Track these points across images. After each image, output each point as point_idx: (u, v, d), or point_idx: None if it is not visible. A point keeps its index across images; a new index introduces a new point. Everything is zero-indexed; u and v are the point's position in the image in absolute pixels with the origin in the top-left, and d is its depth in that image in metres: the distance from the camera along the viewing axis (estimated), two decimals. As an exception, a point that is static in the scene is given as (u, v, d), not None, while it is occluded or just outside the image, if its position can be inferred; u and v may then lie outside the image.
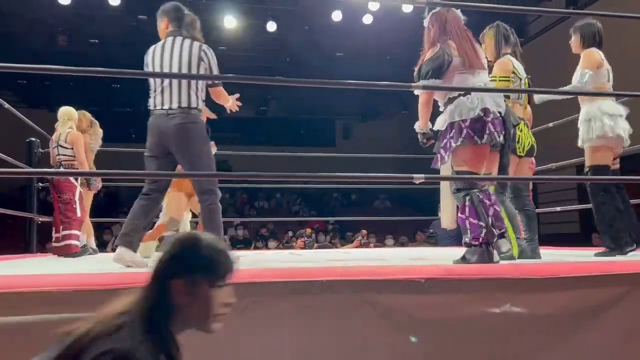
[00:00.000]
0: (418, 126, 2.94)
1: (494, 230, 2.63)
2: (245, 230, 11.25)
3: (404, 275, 2.05)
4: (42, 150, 5.32)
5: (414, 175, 2.41)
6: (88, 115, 5.13)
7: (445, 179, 2.93)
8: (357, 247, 8.22)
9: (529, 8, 4.31)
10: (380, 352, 1.95)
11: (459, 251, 4.06)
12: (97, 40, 11.62)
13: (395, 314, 1.97)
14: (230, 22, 10.42)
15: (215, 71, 3.11)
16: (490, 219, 2.62)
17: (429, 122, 2.92)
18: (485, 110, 2.65)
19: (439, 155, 2.80)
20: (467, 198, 2.66)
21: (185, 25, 3.29)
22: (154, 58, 3.11)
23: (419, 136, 2.98)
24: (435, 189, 5.19)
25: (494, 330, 1.99)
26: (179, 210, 4.20)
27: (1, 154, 4.24)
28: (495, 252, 2.64)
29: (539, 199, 11.88)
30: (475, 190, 2.66)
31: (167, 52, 3.08)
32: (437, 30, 2.83)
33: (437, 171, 3.00)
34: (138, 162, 5.14)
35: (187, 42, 3.11)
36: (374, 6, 9.90)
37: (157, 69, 3.07)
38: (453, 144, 2.68)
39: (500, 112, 2.75)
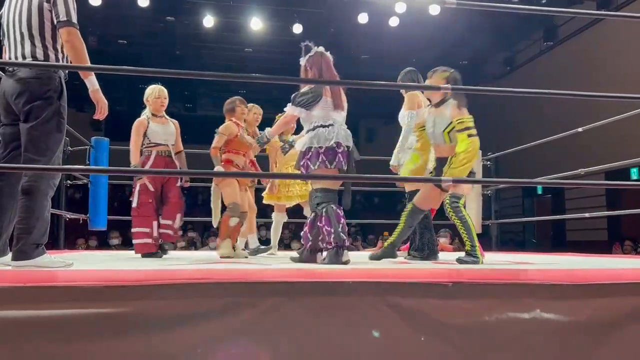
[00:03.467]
0: (268, 132, 3.55)
1: (342, 235, 3.12)
2: (268, 231, 11.27)
3: (430, 278, 2.03)
4: (71, 149, 5.40)
5: (442, 178, 2.39)
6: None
7: (473, 181, 2.90)
8: (379, 249, 8.17)
9: (559, 9, 4.25)
10: (403, 357, 1.93)
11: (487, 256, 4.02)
12: (125, 41, 11.80)
13: (419, 317, 1.95)
14: (256, 24, 10.48)
15: (63, 7, 2.61)
16: (340, 226, 3.13)
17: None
18: (338, 143, 3.25)
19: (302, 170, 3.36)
20: (324, 210, 3.18)
21: None
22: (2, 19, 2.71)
23: (261, 137, 3.60)
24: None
25: (523, 337, 1.95)
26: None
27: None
28: (345, 252, 3.12)
29: (567, 205, 11.70)
30: (331, 204, 3.20)
31: (11, 7, 2.67)
32: (315, 73, 3.42)
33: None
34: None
35: None
36: (400, 8, 9.85)
37: (4, 30, 2.70)
38: (311, 167, 3.24)
39: (348, 147, 3.32)
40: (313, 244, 3.26)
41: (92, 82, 2.71)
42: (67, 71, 2.73)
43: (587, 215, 5.73)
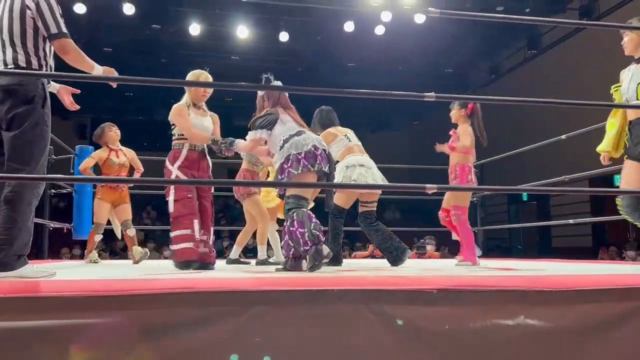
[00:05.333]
0: (238, 144, 3.58)
1: (316, 232, 3.15)
2: (254, 239, 11.23)
3: (415, 285, 2.03)
4: (55, 157, 5.36)
5: (427, 185, 2.40)
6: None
7: (457, 189, 2.91)
8: (370, 253, 8.16)
9: (541, 19, 4.30)
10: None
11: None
12: (111, 49, 11.74)
13: (405, 325, 1.94)
14: (242, 32, 10.48)
15: (51, 18, 2.60)
16: (312, 225, 3.15)
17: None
18: (315, 147, 3.32)
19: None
20: (294, 214, 3.21)
21: None
22: None
23: (230, 141, 3.62)
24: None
25: (508, 343, 1.96)
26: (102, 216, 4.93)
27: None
28: (324, 247, 3.15)
29: (552, 211, 11.80)
30: (302, 207, 3.25)
31: None
32: (270, 104, 3.54)
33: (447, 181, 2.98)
34: (150, 170, 5.13)
35: None
36: (386, 17, 9.93)
37: None
38: (294, 172, 3.25)
39: (324, 149, 3.40)
40: (295, 252, 3.26)
41: (97, 71, 2.83)
42: (50, 78, 2.71)
43: (571, 221, 5.78)
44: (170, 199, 3.50)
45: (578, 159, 9.01)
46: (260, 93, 3.64)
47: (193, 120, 3.65)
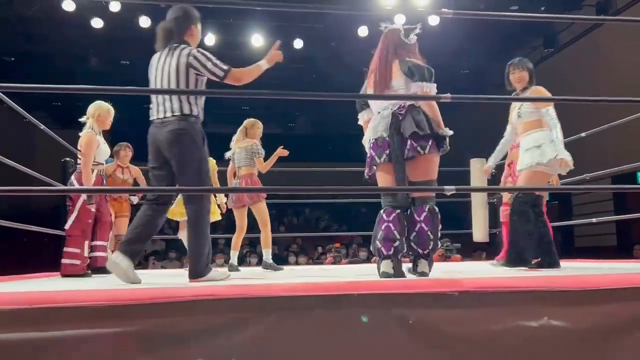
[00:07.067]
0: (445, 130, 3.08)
1: (380, 246, 2.91)
2: (274, 245, 11.27)
3: (436, 288, 2.01)
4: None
5: (445, 187, 2.38)
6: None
7: (477, 190, 2.88)
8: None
9: (558, 16, 4.26)
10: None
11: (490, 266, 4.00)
12: (128, 62, 11.89)
13: (426, 328, 1.92)
14: (257, 40, 10.56)
15: (213, 66, 3.10)
16: (380, 233, 2.92)
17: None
18: (370, 141, 3.08)
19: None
20: (382, 210, 3.00)
21: (174, 31, 3.26)
22: (150, 73, 3.25)
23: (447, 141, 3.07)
24: (466, 201, 5.10)
25: (531, 345, 1.92)
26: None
27: (36, 173, 4.35)
28: (384, 264, 2.91)
29: (574, 210, 11.62)
30: (383, 208, 3.00)
31: (159, 66, 3.16)
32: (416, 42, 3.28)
33: (468, 182, 2.97)
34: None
35: (177, 51, 3.11)
36: (399, 20, 9.90)
37: (152, 84, 3.19)
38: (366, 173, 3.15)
39: (381, 136, 3.00)
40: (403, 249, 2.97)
41: (265, 66, 3.27)
42: (202, 119, 3.12)
43: (594, 220, 5.68)
44: (72, 217, 4.11)
45: (599, 156, 8.89)
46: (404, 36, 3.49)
47: (102, 147, 4.33)
